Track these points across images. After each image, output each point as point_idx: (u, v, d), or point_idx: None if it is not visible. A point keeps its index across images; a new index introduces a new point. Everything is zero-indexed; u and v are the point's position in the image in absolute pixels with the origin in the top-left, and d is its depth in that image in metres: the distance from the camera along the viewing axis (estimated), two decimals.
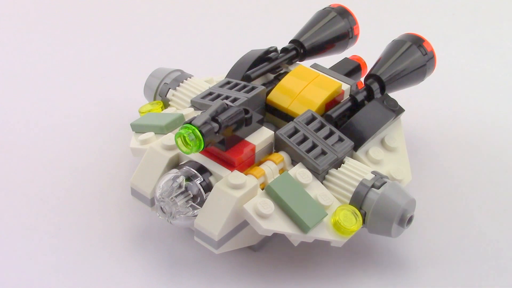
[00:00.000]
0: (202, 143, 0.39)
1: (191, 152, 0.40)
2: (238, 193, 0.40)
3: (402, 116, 0.49)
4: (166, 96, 0.51)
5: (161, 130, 0.45)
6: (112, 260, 0.45)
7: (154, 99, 0.52)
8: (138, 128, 0.47)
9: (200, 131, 0.39)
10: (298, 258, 0.45)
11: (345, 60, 0.54)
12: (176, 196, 0.40)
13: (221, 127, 0.40)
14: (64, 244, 0.46)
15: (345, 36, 0.55)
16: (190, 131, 0.39)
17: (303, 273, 0.44)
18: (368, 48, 0.58)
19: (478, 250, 0.46)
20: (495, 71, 0.67)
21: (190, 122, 0.39)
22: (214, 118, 0.40)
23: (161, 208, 0.41)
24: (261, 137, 0.43)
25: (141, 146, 0.45)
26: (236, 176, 0.40)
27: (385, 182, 0.42)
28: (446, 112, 0.59)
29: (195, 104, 0.48)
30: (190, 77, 0.51)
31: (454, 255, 0.46)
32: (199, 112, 0.47)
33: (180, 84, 0.51)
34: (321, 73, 0.49)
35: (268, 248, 0.45)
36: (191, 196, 0.41)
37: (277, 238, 0.45)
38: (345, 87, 0.49)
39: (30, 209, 0.48)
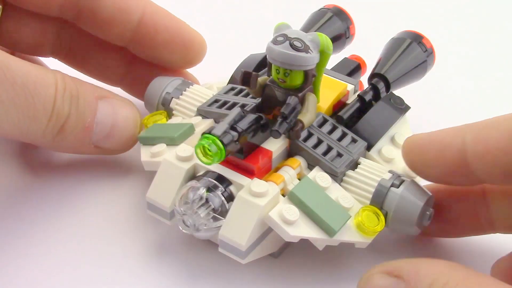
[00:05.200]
0: (224, 153, 0.39)
1: (212, 163, 0.39)
2: (262, 201, 0.39)
3: (408, 113, 0.49)
4: (169, 105, 0.50)
5: (172, 142, 0.44)
6: (128, 276, 0.44)
7: (157, 109, 0.51)
8: (147, 141, 0.46)
9: (221, 141, 0.38)
10: (319, 260, 0.45)
11: (345, 60, 0.54)
12: (198, 208, 0.40)
13: (240, 135, 0.39)
14: (80, 260, 0.44)
15: (342, 36, 0.55)
16: (211, 141, 0.38)
17: (325, 276, 0.44)
18: (365, 47, 0.58)
19: (483, 248, 0.47)
20: (497, 63, 0.68)
21: (209, 132, 0.39)
22: (232, 127, 0.40)
23: (183, 221, 0.40)
24: (276, 142, 0.43)
25: (153, 159, 0.44)
26: (258, 184, 0.40)
27: (403, 181, 0.42)
28: (450, 106, 0.60)
29: (201, 112, 0.47)
30: (192, 85, 0.51)
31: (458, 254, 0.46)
32: (208, 121, 0.47)
33: (183, 92, 0.50)
34: (324, 74, 0.49)
35: (288, 253, 0.45)
36: (213, 207, 0.40)
37: (297, 243, 0.44)
38: (349, 87, 0.49)
39: (45, 224, 0.47)
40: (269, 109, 0.44)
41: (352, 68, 0.53)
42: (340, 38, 0.55)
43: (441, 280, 0.34)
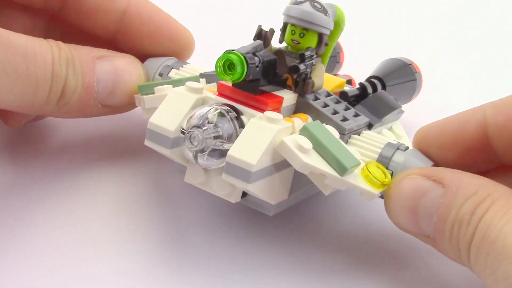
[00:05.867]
0: (245, 72, 0.38)
1: (231, 80, 0.38)
2: (276, 127, 0.38)
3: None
4: (168, 75, 0.49)
5: (179, 83, 0.43)
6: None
7: (153, 80, 0.50)
8: (147, 89, 0.45)
9: (246, 59, 0.38)
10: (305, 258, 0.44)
11: (337, 75, 0.56)
12: (206, 130, 0.38)
13: (260, 62, 0.39)
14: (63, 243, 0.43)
15: (333, 60, 0.57)
16: (236, 56, 0.38)
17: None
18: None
19: None
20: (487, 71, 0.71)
21: (232, 51, 0.38)
22: (254, 53, 0.39)
23: (190, 138, 0.38)
24: (286, 94, 0.42)
25: (158, 93, 0.43)
26: (272, 113, 0.39)
27: (408, 147, 0.42)
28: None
29: (204, 77, 0.47)
30: (189, 63, 0.51)
31: None
32: (211, 84, 0.46)
33: (183, 65, 0.49)
34: None
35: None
36: (221, 133, 0.38)
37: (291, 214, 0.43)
38: (347, 87, 0.50)
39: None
40: None
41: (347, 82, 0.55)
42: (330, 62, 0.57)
43: (485, 191, 0.35)
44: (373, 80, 0.51)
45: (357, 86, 0.49)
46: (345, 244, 0.45)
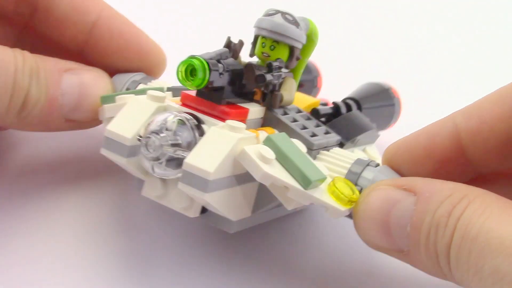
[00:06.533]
0: (207, 78, 0.36)
1: (192, 86, 0.37)
2: (238, 135, 0.36)
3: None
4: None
5: (143, 93, 0.41)
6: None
7: None
8: (111, 100, 0.43)
9: (208, 65, 0.37)
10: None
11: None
12: (164, 137, 0.36)
13: (224, 69, 0.38)
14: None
15: (310, 84, 0.56)
16: (199, 62, 0.36)
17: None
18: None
19: None
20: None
21: (195, 56, 0.37)
22: (218, 60, 0.38)
23: (146, 145, 0.36)
24: (253, 107, 0.41)
25: (119, 101, 0.41)
26: (234, 122, 0.37)
27: (378, 164, 0.40)
28: None
29: (172, 90, 0.45)
30: (157, 79, 0.49)
31: None
32: (178, 98, 0.44)
33: (152, 80, 0.48)
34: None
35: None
36: (180, 142, 0.37)
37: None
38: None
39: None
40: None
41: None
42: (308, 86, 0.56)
43: (460, 192, 0.33)
44: (348, 101, 0.49)
45: (331, 104, 0.48)
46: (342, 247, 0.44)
